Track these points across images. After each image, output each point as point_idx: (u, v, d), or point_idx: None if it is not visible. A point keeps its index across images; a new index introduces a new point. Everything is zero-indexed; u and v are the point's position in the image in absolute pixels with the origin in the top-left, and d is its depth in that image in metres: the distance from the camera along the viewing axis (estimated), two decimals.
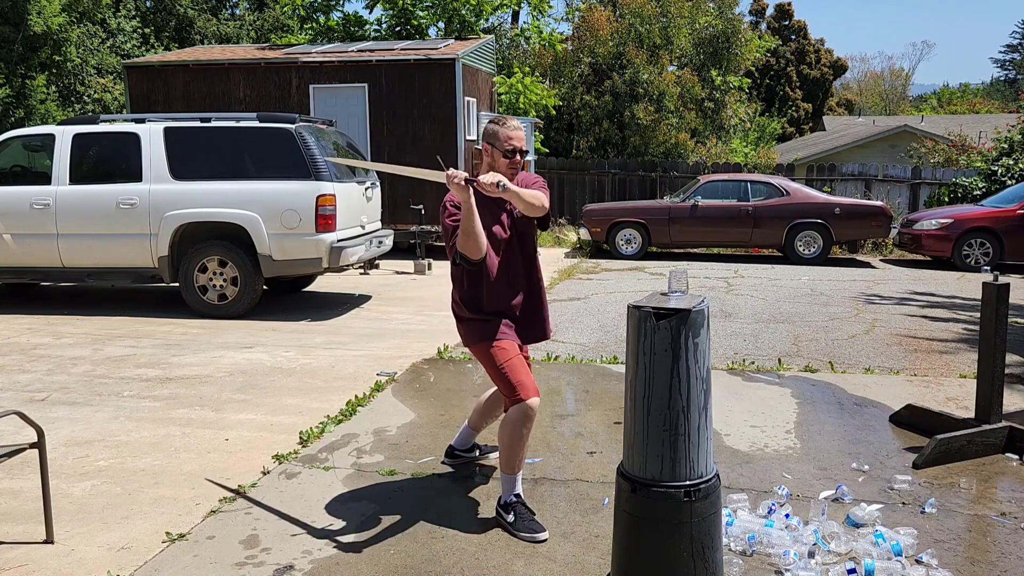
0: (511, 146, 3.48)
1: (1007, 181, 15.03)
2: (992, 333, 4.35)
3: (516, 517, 3.49)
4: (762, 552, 3.28)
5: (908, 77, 63.05)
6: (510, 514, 3.50)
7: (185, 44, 27.46)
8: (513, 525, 3.47)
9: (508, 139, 3.49)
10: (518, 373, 3.45)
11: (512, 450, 3.47)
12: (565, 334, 7.51)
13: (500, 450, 3.52)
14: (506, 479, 3.55)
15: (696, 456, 2.70)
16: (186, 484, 3.98)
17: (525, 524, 3.45)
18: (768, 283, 10.90)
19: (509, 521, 3.49)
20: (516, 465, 3.52)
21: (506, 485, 3.56)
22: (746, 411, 5.15)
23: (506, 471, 3.53)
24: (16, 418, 3.31)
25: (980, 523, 3.60)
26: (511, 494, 3.55)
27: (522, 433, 3.44)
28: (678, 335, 2.64)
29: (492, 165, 3.53)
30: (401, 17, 19.03)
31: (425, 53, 13.19)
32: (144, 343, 7.02)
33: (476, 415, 4.07)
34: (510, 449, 3.47)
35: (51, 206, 8.14)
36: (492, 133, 3.51)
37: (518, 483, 3.56)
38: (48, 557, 3.27)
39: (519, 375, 3.44)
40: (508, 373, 3.44)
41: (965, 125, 27.42)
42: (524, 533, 3.42)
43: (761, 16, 42.83)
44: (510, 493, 3.55)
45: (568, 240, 16.02)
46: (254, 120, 8.20)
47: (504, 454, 3.49)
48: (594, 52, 20.48)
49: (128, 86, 13.78)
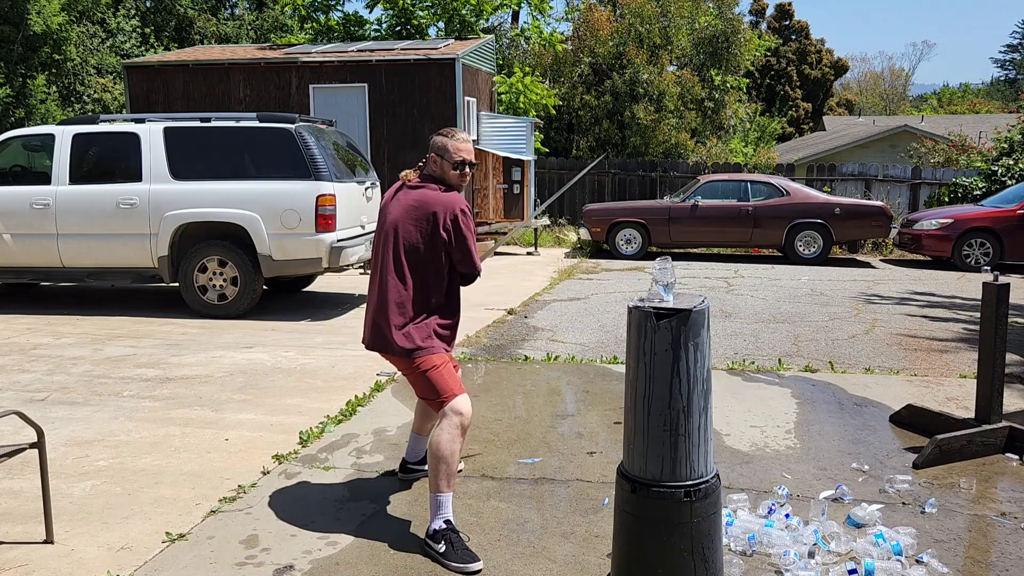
0: (460, 158, 3.49)
1: (1007, 181, 15.03)
2: (992, 333, 4.35)
3: (448, 546, 3.20)
4: (762, 552, 3.28)
5: (908, 77, 63.10)
6: (440, 543, 3.22)
7: (185, 44, 27.46)
8: (444, 555, 3.18)
9: (457, 151, 3.49)
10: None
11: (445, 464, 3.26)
12: (565, 334, 7.51)
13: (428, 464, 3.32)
14: (433, 500, 3.29)
15: (696, 456, 2.70)
16: (186, 484, 3.98)
17: (458, 555, 3.17)
18: (768, 283, 10.90)
19: (440, 552, 3.20)
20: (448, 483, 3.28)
21: (434, 507, 3.29)
22: (746, 411, 5.15)
23: (432, 490, 3.30)
24: (16, 418, 3.31)
25: (980, 523, 3.60)
26: (441, 519, 3.26)
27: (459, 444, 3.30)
28: (678, 335, 2.64)
29: (442, 176, 3.52)
30: (401, 17, 19.04)
31: (425, 53, 13.19)
32: (144, 343, 7.02)
33: (418, 417, 3.97)
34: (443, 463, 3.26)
35: (51, 206, 8.14)
36: (441, 146, 3.50)
37: (447, 506, 3.29)
38: (48, 557, 3.26)
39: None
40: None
41: (965, 125, 27.43)
42: (456, 564, 3.14)
43: (761, 16, 42.84)
44: (440, 518, 3.27)
45: (568, 240, 16.03)
46: (254, 120, 8.19)
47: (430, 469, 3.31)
48: (594, 52, 20.49)
49: (128, 86, 13.78)
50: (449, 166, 3.50)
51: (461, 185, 3.55)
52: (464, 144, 3.51)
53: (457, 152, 3.49)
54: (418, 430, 4.00)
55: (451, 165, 3.49)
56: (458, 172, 3.51)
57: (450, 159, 3.49)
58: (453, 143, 3.50)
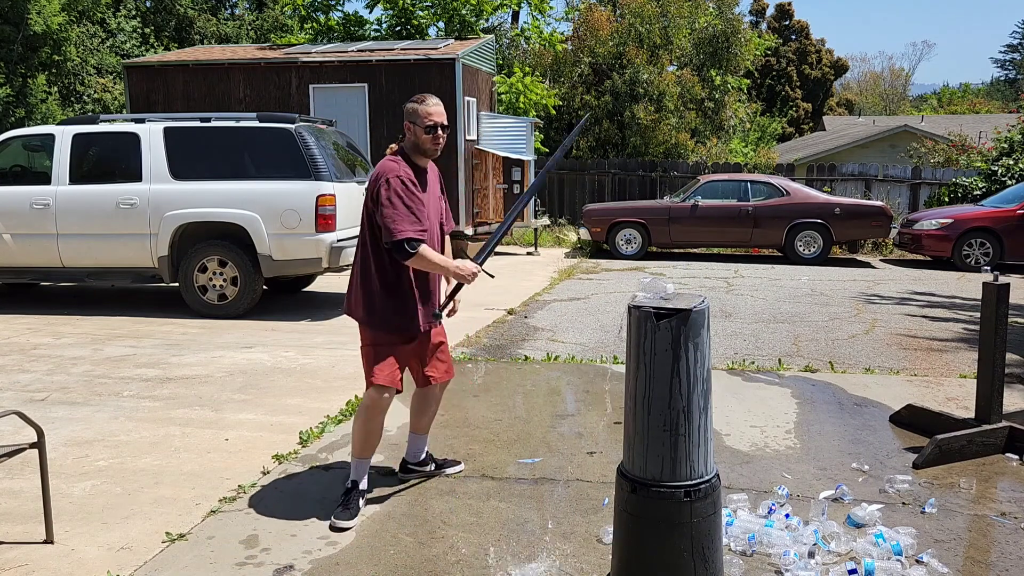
0: (431, 121, 3.53)
1: (1007, 181, 15.03)
2: (992, 333, 4.35)
3: (342, 501, 3.61)
4: (762, 552, 3.28)
5: (908, 77, 63.08)
6: (341, 498, 3.65)
7: (185, 44, 27.45)
8: (337, 507, 3.59)
9: (428, 115, 3.54)
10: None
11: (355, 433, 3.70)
12: (565, 334, 7.51)
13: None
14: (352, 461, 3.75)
15: (696, 456, 2.70)
16: (186, 484, 3.98)
17: (338, 511, 3.55)
18: (768, 283, 10.90)
19: (337, 504, 3.63)
20: (357, 450, 3.69)
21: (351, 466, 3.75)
22: (746, 411, 5.15)
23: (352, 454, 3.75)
24: (16, 418, 3.31)
25: (980, 523, 3.60)
26: (349, 480, 3.70)
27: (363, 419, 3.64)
28: (678, 335, 2.64)
29: (416, 142, 3.57)
30: (401, 17, 19.03)
31: (425, 53, 13.19)
32: (144, 343, 7.02)
33: (413, 416, 4.02)
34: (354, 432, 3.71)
35: (51, 206, 8.14)
36: (412, 111, 3.57)
37: (356, 469, 3.69)
38: (48, 557, 3.26)
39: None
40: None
41: (965, 125, 27.41)
42: (333, 517, 3.53)
43: (761, 16, 42.83)
44: (348, 477, 3.72)
45: (568, 240, 16.03)
46: (254, 120, 8.19)
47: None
48: (594, 52, 20.48)
49: (128, 86, 13.77)
50: (421, 131, 3.55)
51: (435, 150, 3.60)
52: (435, 107, 3.56)
53: (428, 116, 3.54)
54: (414, 428, 4.03)
55: (423, 129, 3.54)
56: (430, 136, 3.56)
57: (421, 123, 3.54)
58: (423, 107, 3.55)
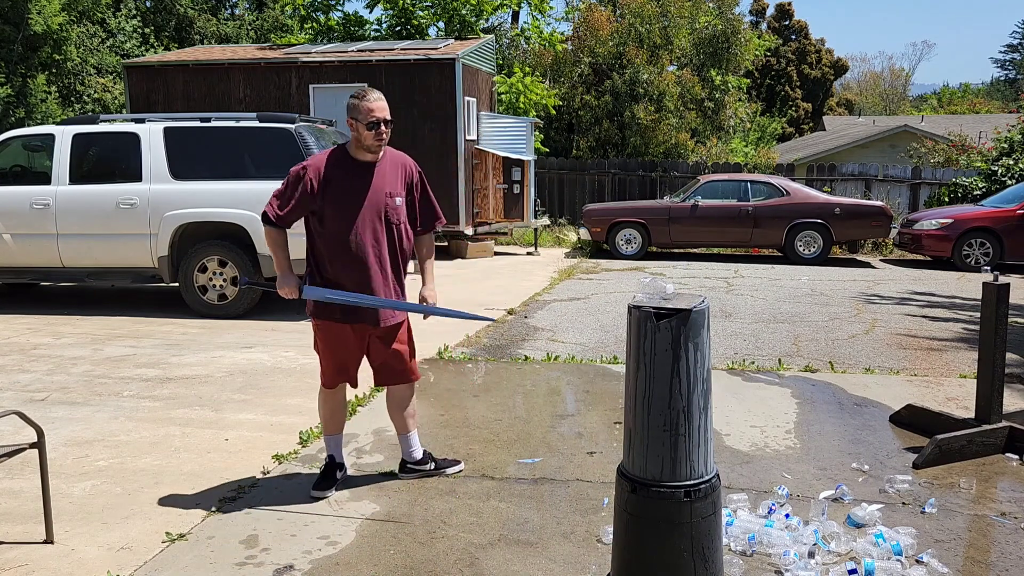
0: (374, 118, 3.51)
1: (1007, 181, 15.03)
2: (992, 333, 4.35)
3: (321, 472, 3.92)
4: (762, 552, 3.28)
5: (908, 77, 63.06)
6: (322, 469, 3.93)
7: (185, 44, 27.43)
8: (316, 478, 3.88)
9: (369, 111, 3.51)
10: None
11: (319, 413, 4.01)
12: (565, 334, 7.51)
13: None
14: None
15: (696, 456, 2.70)
16: (186, 484, 3.98)
17: (317, 481, 3.84)
18: (768, 283, 10.90)
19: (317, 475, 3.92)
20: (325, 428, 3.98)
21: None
22: (746, 411, 5.15)
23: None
24: (16, 418, 3.31)
25: (980, 523, 3.60)
26: (326, 454, 3.96)
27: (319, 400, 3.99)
28: (678, 335, 2.64)
29: (358, 138, 3.57)
30: (401, 17, 19.02)
31: (425, 53, 13.19)
32: (144, 343, 7.02)
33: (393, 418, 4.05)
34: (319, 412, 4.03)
35: (51, 206, 8.14)
36: (354, 107, 3.55)
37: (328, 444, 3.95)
38: (48, 557, 3.27)
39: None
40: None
41: (965, 125, 27.41)
42: (313, 488, 3.80)
43: (761, 16, 42.82)
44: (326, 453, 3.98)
45: (568, 240, 16.02)
46: (254, 120, 8.19)
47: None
48: (594, 52, 20.48)
49: (128, 86, 13.77)
50: (363, 127, 3.53)
51: (377, 146, 3.58)
52: (377, 103, 3.53)
53: (370, 113, 3.52)
54: (399, 429, 4.05)
55: (365, 126, 3.53)
56: (372, 132, 3.53)
57: (364, 119, 3.52)
58: (365, 103, 3.52)
